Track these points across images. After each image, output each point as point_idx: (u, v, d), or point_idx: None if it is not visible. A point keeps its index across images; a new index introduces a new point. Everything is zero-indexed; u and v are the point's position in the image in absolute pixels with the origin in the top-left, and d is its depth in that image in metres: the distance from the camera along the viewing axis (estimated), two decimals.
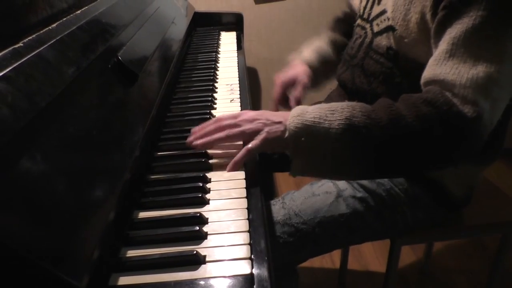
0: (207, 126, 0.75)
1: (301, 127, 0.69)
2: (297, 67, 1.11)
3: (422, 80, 0.73)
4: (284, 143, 0.70)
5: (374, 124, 0.67)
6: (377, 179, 0.89)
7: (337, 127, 0.68)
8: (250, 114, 0.74)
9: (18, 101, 0.45)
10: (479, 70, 0.66)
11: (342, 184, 0.89)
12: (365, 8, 0.94)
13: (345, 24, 1.14)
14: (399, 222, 0.91)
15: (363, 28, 0.94)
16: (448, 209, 0.94)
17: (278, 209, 0.87)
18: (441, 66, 0.69)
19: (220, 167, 0.72)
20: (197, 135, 0.75)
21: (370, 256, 1.61)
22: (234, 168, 0.70)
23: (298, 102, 1.04)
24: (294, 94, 1.05)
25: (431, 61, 0.72)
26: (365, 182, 0.89)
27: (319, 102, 1.14)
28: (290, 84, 1.08)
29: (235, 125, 0.73)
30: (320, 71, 1.12)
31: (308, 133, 0.69)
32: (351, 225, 0.87)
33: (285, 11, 1.99)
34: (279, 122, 0.71)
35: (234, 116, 0.74)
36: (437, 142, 0.68)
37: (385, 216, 0.89)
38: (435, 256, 1.58)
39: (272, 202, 0.89)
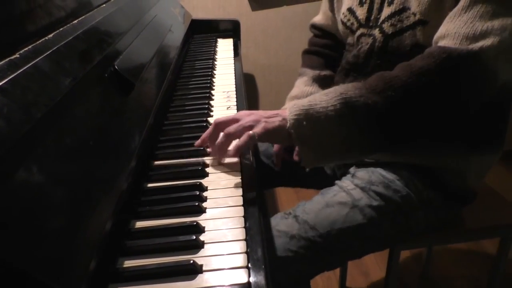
0: (208, 133, 0.76)
1: (300, 113, 0.69)
2: None
3: (434, 38, 0.73)
4: (286, 133, 0.70)
5: (369, 92, 0.67)
6: (393, 186, 0.88)
7: (334, 103, 0.68)
8: (247, 112, 0.75)
9: (14, 113, 0.45)
10: (494, 23, 0.66)
11: (357, 193, 0.86)
12: (367, 14, 0.91)
13: (319, 56, 1.14)
14: (413, 227, 0.90)
15: (370, 35, 0.90)
16: (458, 204, 0.94)
17: (292, 223, 0.83)
18: (455, 21, 0.69)
19: (217, 175, 0.72)
20: (202, 145, 0.77)
21: (370, 261, 1.61)
22: (236, 154, 0.71)
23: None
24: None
25: (446, 18, 0.72)
26: (381, 190, 0.86)
27: None
28: None
29: (233, 121, 0.73)
30: None
31: (308, 116, 0.68)
32: (367, 235, 0.85)
33: (282, 18, 2.00)
34: (276, 114, 0.72)
35: (231, 116, 0.75)
36: (437, 89, 0.67)
37: (400, 222, 0.88)
38: (435, 261, 1.58)
39: (282, 215, 0.86)
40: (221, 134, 0.73)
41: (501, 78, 0.70)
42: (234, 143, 0.74)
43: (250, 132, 0.70)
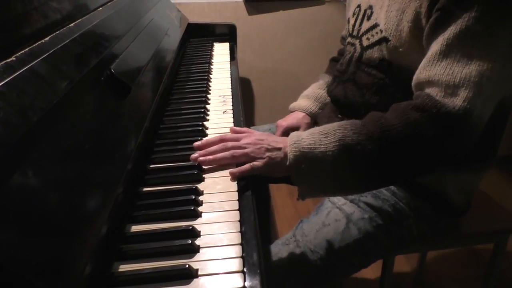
0: (211, 144, 0.77)
1: (299, 154, 0.72)
2: (298, 116, 1.15)
3: (414, 82, 0.75)
4: (285, 169, 0.73)
5: (366, 139, 0.70)
6: (382, 196, 0.90)
7: (332, 149, 0.71)
8: (253, 137, 0.77)
9: (10, 116, 0.45)
10: (471, 69, 0.68)
11: (348, 208, 0.88)
12: (354, 26, 0.96)
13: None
14: (406, 235, 0.91)
15: (352, 44, 0.96)
16: (449, 217, 0.95)
17: (293, 248, 0.85)
18: (434, 67, 0.71)
19: (213, 180, 0.72)
20: (202, 152, 0.76)
21: None
22: (234, 179, 0.72)
23: None
24: None
25: (423, 62, 0.73)
26: (370, 201, 0.89)
27: None
28: (292, 130, 1.09)
29: (239, 147, 0.75)
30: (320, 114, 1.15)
31: (307, 159, 0.71)
32: (365, 249, 0.87)
33: (278, 22, 2.00)
34: (279, 149, 0.74)
35: (238, 138, 0.77)
36: (430, 143, 0.70)
37: (393, 232, 0.89)
38: (429, 265, 1.59)
39: (285, 241, 0.87)
40: (227, 153, 0.75)
41: (485, 119, 0.72)
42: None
43: (254, 163, 0.73)
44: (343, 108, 0.97)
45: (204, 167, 0.75)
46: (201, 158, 0.75)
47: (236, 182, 0.71)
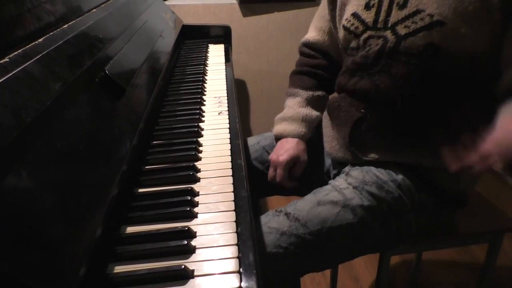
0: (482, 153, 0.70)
1: None
2: (292, 145, 1.04)
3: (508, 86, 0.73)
4: None
5: None
6: (386, 187, 0.88)
7: None
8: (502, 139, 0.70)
9: (4, 117, 0.45)
10: None
11: (349, 193, 0.87)
12: (376, 19, 0.92)
13: (310, 77, 1.12)
14: (403, 230, 0.90)
15: (380, 36, 0.90)
16: (451, 209, 0.95)
17: (283, 220, 0.85)
18: None
19: (208, 181, 0.72)
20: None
21: (360, 266, 1.61)
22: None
23: (298, 179, 1.04)
24: (296, 173, 1.04)
25: None
26: (374, 190, 0.87)
27: None
28: (292, 164, 1.04)
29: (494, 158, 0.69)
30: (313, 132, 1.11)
31: None
32: (358, 235, 0.86)
33: (273, 24, 2.01)
34: None
35: (500, 149, 0.70)
36: None
37: (390, 224, 0.89)
38: (425, 266, 1.59)
39: (274, 212, 0.87)
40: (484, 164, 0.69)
41: None
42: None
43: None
44: (372, 101, 0.93)
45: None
46: (453, 166, 0.70)
47: (231, 182, 0.71)
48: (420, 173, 0.90)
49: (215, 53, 1.47)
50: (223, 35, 1.61)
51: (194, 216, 0.63)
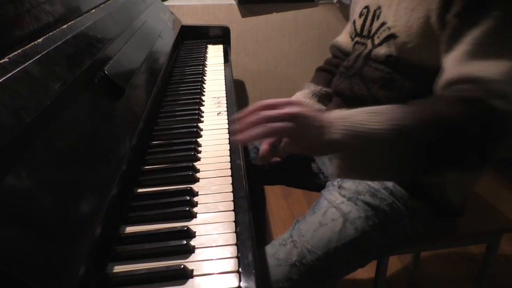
0: (247, 116, 0.69)
1: (346, 128, 0.67)
2: None
3: (445, 82, 0.74)
4: (327, 147, 0.69)
5: (418, 123, 0.67)
6: (379, 195, 0.90)
7: (382, 127, 0.67)
8: (295, 107, 0.69)
9: (3, 117, 0.45)
10: (505, 65, 0.67)
11: (346, 206, 0.88)
12: (363, 26, 0.97)
13: (328, 73, 1.16)
14: (400, 235, 0.91)
15: (363, 44, 0.96)
16: (447, 217, 0.95)
17: (291, 249, 0.84)
18: (466, 66, 0.70)
19: (208, 181, 0.72)
20: (238, 128, 0.68)
21: None
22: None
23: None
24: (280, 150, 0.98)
25: (452, 63, 0.73)
26: (368, 199, 0.89)
27: None
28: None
29: (277, 118, 0.67)
30: None
31: (355, 135, 0.67)
32: (362, 248, 0.87)
33: (272, 24, 2.01)
34: (322, 127, 0.68)
35: (278, 104, 0.70)
36: (480, 137, 0.68)
37: (389, 230, 0.89)
38: (423, 266, 1.59)
39: (281, 241, 0.87)
40: (263, 127, 0.66)
41: None
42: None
43: (294, 145, 0.68)
44: (348, 102, 0.97)
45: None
46: (238, 137, 0.67)
47: (231, 182, 0.71)
48: (411, 179, 0.90)
49: (214, 53, 1.47)
50: (222, 36, 1.61)
51: (193, 216, 0.63)
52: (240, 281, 0.52)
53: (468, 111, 0.67)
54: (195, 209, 0.64)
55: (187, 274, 0.52)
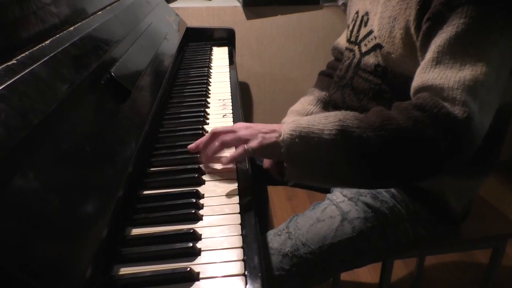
0: (203, 140, 0.76)
1: (295, 129, 0.69)
2: None
3: (412, 90, 0.74)
4: (278, 149, 0.70)
5: (366, 127, 0.68)
6: (381, 197, 0.89)
7: (330, 129, 0.68)
8: (244, 123, 0.75)
9: (12, 119, 0.45)
10: (465, 73, 0.67)
11: (346, 206, 0.88)
12: (352, 32, 0.97)
13: (331, 78, 1.16)
14: (401, 239, 0.91)
15: (351, 50, 0.97)
16: (448, 224, 0.95)
17: (285, 239, 0.85)
18: (428, 73, 0.70)
19: (213, 183, 0.72)
20: (195, 150, 0.76)
21: (362, 271, 1.60)
22: (228, 163, 0.73)
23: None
24: None
25: (418, 70, 0.73)
26: (369, 201, 0.88)
27: None
28: None
29: (230, 132, 0.73)
30: None
31: (302, 136, 0.69)
32: (358, 248, 0.87)
33: (276, 27, 2.01)
34: (274, 130, 0.72)
35: (228, 126, 0.76)
36: (430, 145, 0.68)
37: (388, 234, 0.89)
38: (427, 271, 1.58)
39: (277, 232, 0.87)
40: (217, 142, 0.74)
41: (486, 126, 0.70)
42: (228, 153, 0.74)
43: (246, 146, 0.71)
44: None
45: (205, 166, 0.76)
46: (200, 159, 0.74)
47: (236, 184, 0.71)
48: (411, 185, 0.90)
49: (219, 55, 1.47)
50: (227, 38, 1.62)
51: (199, 218, 0.63)
52: (246, 284, 0.51)
53: (419, 117, 0.67)
54: (201, 212, 0.64)
55: (193, 277, 0.52)
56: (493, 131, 0.80)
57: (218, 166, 0.77)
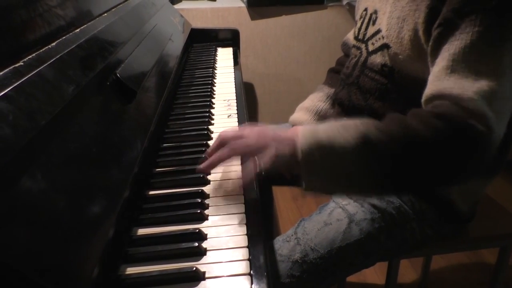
0: (211, 147, 0.73)
1: (315, 144, 0.66)
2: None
3: (425, 97, 0.73)
4: (295, 162, 0.67)
5: (389, 139, 0.66)
6: (386, 198, 0.89)
7: (352, 142, 0.66)
8: (255, 128, 0.71)
9: (19, 120, 0.46)
10: (482, 84, 0.66)
11: (352, 208, 0.88)
12: (359, 29, 0.97)
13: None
14: (409, 239, 0.90)
15: (358, 48, 0.96)
16: (454, 224, 0.94)
17: (294, 246, 0.84)
18: (443, 82, 0.69)
19: (219, 183, 0.72)
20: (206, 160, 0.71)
21: (368, 270, 1.59)
22: (246, 185, 0.69)
23: None
24: None
25: (432, 78, 0.72)
26: (375, 202, 0.88)
27: None
28: None
29: (239, 137, 0.69)
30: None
31: (323, 151, 0.66)
32: (366, 250, 0.86)
33: (281, 27, 2.01)
34: (288, 139, 0.68)
35: (238, 131, 0.72)
36: (451, 155, 0.67)
37: (396, 234, 0.89)
38: (434, 270, 1.58)
39: (285, 238, 0.87)
40: (225, 148, 0.69)
41: (501, 136, 0.69)
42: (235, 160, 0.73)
43: (258, 163, 0.67)
44: (347, 111, 0.97)
45: (210, 171, 0.73)
46: (201, 166, 0.69)
47: (241, 185, 0.71)
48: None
49: (224, 56, 1.48)
50: (231, 39, 1.62)
51: (204, 218, 0.63)
52: (251, 283, 0.52)
53: (441, 128, 0.65)
54: (206, 211, 0.65)
55: (199, 276, 0.52)
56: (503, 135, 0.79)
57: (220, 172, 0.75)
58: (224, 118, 0.98)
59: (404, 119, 0.69)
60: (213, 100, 1.08)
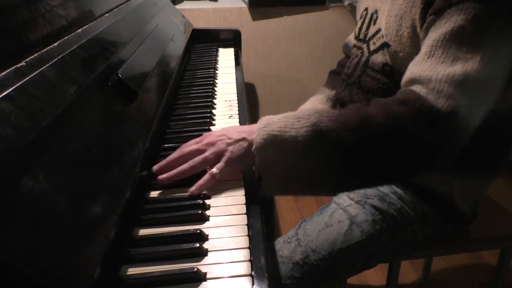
0: (171, 157, 0.72)
1: (267, 137, 0.66)
2: None
3: (402, 83, 0.73)
4: (250, 158, 0.67)
5: (342, 127, 0.65)
6: (388, 200, 0.89)
7: (304, 134, 0.64)
8: (213, 136, 0.72)
9: (21, 120, 0.46)
10: (455, 68, 0.66)
11: (353, 209, 0.88)
12: (360, 29, 0.97)
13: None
14: (410, 240, 0.91)
15: (360, 48, 0.96)
16: (456, 225, 0.94)
17: (295, 247, 0.84)
18: (419, 66, 0.69)
19: (220, 183, 0.72)
20: (164, 168, 0.72)
21: (369, 272, 1.59)
22: (198, 191, 0.68)
23: None
24: None
25: (410, 64, 0.72)
26: (376, 203, 0.88)
27: None
28: None
29: (198, 151, 0.70)
30: None
31: (275, 143, 0.65)
32: (368, 251, 0.86)
33: (282, 28, 2.01)
34: (243, 139, 0.69)
35: (197, 141, 0.73)
36: (413, 140, 0.66)
37: (397, 235, 0.89)
38: (435, 272, 1.58)
39: (286, 239, 0.87)
40: (185, 164, 0.70)
41: (475, 123, 0.68)
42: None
43: (213, 170, 0.68)
44: None
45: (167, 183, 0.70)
46: (159, 177, 0.69)
47: (243, 185, 0.71)
48: (417, 186, 0.90)
49: (225, 56, 1.48)
50: (233, 39, 1.62)
51: (206, 219, 0.63)
52: (253, 284, 0.52)
53: (400, 112, 0.65)
54: (207, 212, 0.65)
55: (200, 277, 0.52)
56: (502, 134, 0.79)
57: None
58: (225, 118, 0.98)
59: (362, 108, 0.68)
60: (214, 100, 1.08)
